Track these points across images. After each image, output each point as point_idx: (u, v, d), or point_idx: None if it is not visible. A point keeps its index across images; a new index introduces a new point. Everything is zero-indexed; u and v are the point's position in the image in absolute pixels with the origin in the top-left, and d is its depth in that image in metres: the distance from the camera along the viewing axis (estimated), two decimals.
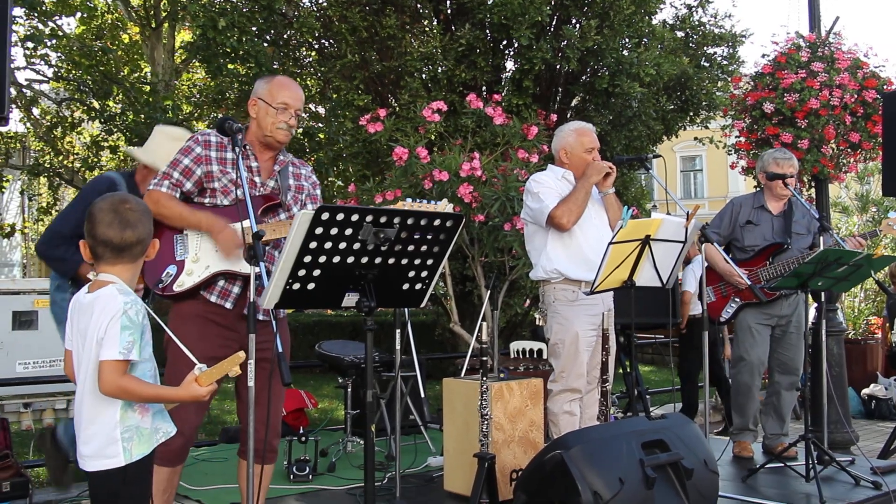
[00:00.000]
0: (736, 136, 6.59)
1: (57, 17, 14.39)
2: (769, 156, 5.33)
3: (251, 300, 2.97)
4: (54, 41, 13.60)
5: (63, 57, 14.06)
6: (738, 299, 5.32)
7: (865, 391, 8.50)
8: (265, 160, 3.42)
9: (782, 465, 4.91)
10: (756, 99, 6.20)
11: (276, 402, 3.39)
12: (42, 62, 14.29)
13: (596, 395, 4.45)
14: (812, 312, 6.25)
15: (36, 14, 12.74)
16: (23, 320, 8.56)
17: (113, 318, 2.32)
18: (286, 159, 3.48)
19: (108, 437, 2.35)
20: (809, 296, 4.76)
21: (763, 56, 6.42)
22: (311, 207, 3.51)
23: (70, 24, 16.52)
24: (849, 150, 6.20)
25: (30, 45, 13.22)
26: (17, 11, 11.36)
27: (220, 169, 3.31)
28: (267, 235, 3.23)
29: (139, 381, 2.35)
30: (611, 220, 4.54)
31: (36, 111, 15.55)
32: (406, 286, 2.97)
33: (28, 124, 15.37)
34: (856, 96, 5.94)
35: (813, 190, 6.47)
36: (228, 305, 3.26)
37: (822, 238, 5.20)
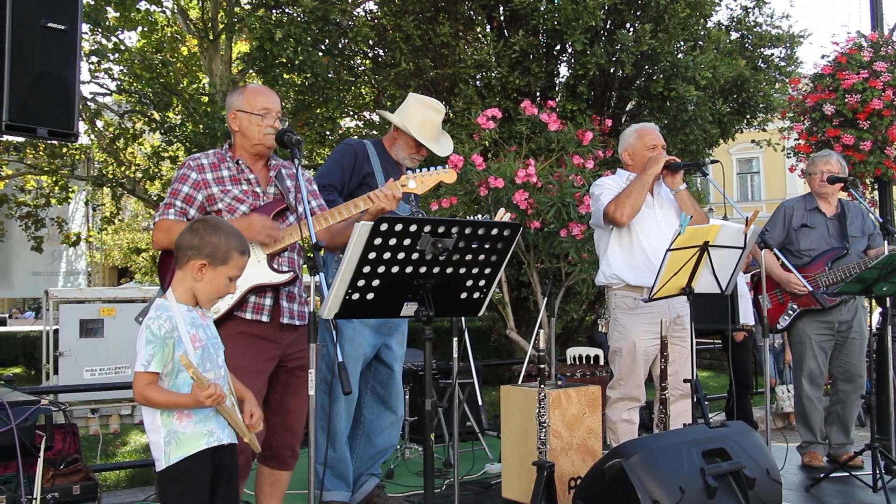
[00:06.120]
0: (795, 139, 6.48)
1: (119, 32, 14.78)
2: (810, 159, 5.33)
3: (311, 310, 3.02)
4: (117, 55, 14.00)
5: (125, 70, 14.45)
6: (795, 306, 5.21)
7: None
8: (259, 170, 3.46)
9: (848, 474, 4.81)
10: (816, 101, 6.09)
11: (300, 410, 3.44)
12: (105, 75, 14.68)
13: (684, 405, 4.29)
14: (876, 317, 6.11)
15: (100, 30, 13.12)
16: (89, 328, 8.81)
17: (141, 332, 2.50)
18: (278, 163, 3.51)
19: (156, 443, 2.53)
20: (874, 300, 4.64)
21: (823, 57, 6.30)
22: (315, 203, 3.56)
23: (132, 38, 17.00)
24: None
25: (94, 59, 13.63)
26: (83, 28, 11.71)
27: (220, 189, 3.33)
28: (284, 241, 3.31)
29: (160, 390, 2.49)
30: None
31: (100, 123, 15.97)
32: (464, 295, 2.98)
33: (92, 136, 15.79)
34: None
35: (876, 192, 6.34)
36: (265, 319, 3.28)
37: (886, 242, 5.08)
